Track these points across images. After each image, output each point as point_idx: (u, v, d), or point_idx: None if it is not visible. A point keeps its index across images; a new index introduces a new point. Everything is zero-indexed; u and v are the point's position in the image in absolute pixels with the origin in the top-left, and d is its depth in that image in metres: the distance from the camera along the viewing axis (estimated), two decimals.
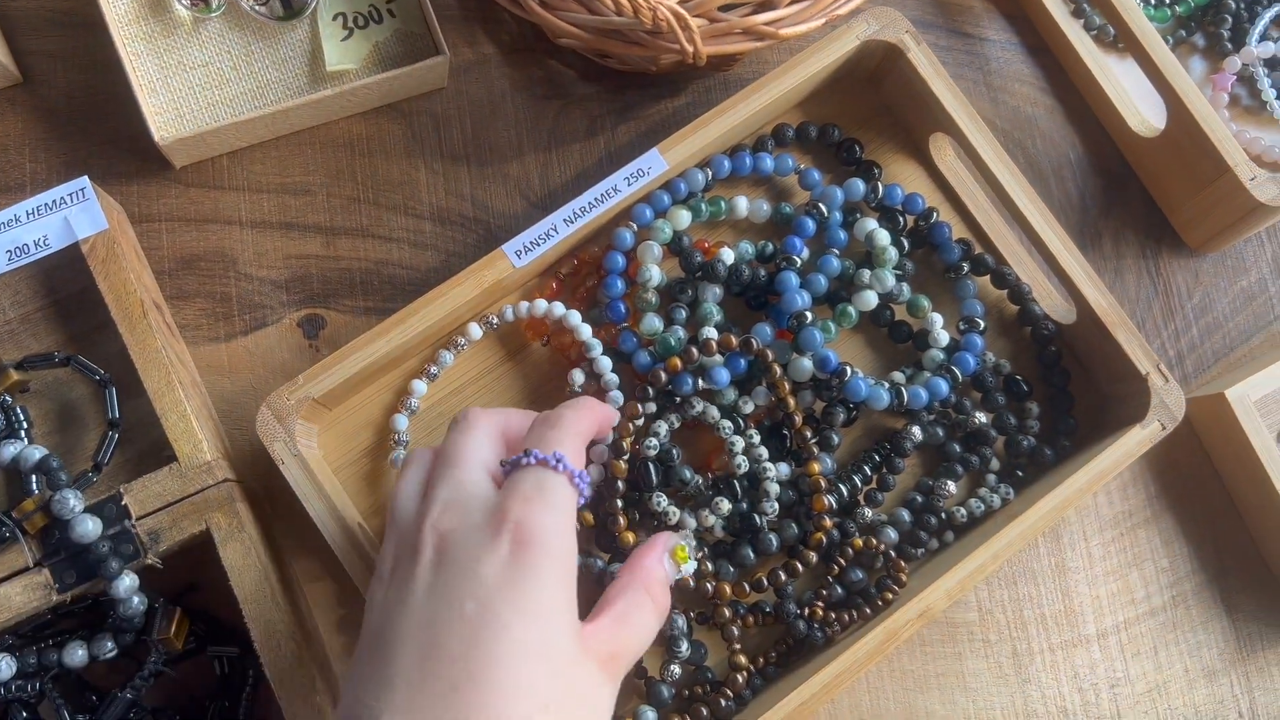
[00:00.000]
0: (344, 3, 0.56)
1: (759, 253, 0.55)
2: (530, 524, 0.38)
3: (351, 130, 0.58)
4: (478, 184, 0.58)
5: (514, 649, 0.36)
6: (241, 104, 0.56)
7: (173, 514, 0.48)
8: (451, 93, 0.59)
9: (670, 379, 0.46)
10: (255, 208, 0.57)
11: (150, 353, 0.49)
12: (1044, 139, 0.62)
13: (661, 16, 0.47)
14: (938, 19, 0.64)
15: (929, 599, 0.50)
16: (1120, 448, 0.52)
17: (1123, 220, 0.62)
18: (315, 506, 0.49)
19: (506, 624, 0.36)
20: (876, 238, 0.54)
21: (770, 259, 0.55)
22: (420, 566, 0.39)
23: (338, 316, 0.56)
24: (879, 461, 0.54)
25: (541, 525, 0.38)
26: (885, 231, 0.55)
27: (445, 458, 0.42)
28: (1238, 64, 0.61)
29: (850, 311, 0.54)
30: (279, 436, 0.49)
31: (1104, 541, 0.58)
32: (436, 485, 0.41)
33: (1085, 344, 0.56)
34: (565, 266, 0.55)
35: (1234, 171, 0.55)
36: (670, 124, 0.60)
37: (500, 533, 0.38)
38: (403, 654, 0.37)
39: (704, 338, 0.47)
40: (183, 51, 0.55)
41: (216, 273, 0.56)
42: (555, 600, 0.38)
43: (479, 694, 0.35)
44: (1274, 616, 0.58)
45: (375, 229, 0.57)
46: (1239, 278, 0.62)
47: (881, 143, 0.59)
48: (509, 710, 0.35)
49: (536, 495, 0.39)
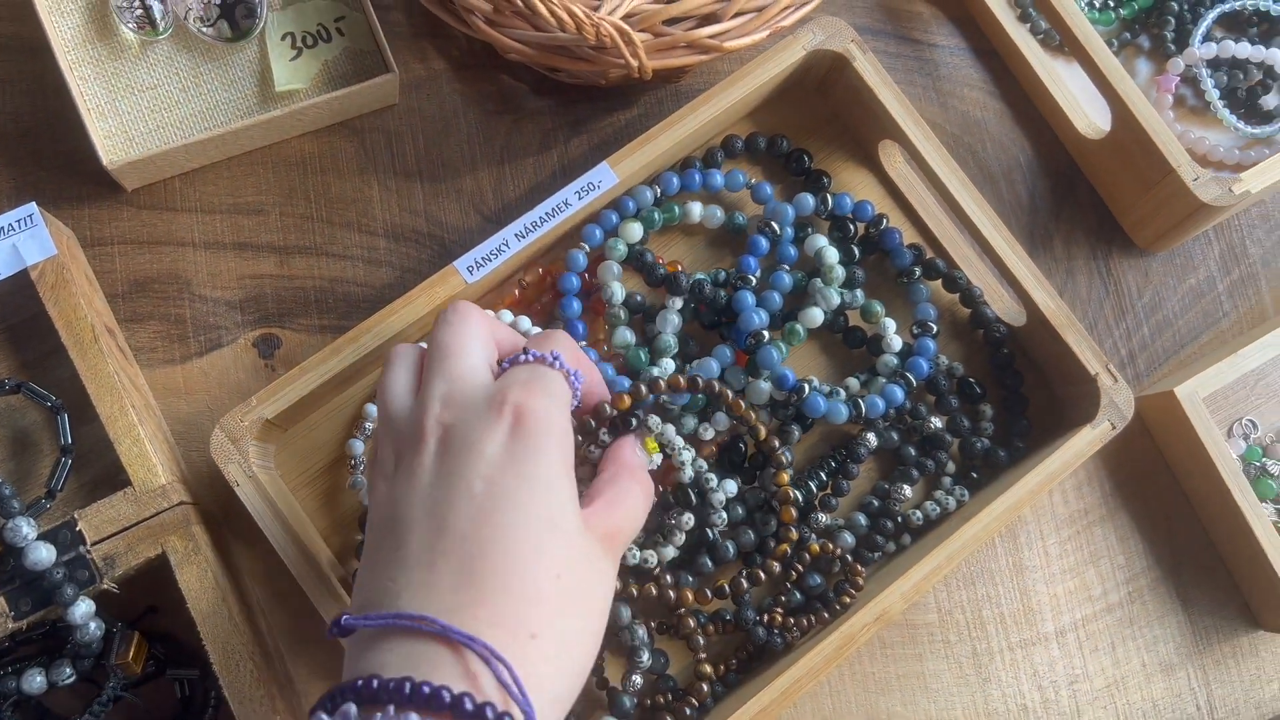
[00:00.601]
0: (292, 22, 0.56)
1: (713, 279, 0.55)
2: (529, 405, 0.39)
3: (303, 149, 0.58)
4: (431, 199, 0.59)
5: (522, 519, 0.37)
6: (191, 126, 0.56)
7: (128, 539, 0.48)
8: (403, 109, 0.59)
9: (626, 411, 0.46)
10: (208, 228, 0.57)
11: (102, 378, 0.49)
12: (993, 142, 0.63)
13: (605, 32, 0.48)
14: (886, 25, 0.64)
15: (885, 602, 0.50)
16: (1071, 448, 0.53)
17: (1073, 221, 0.62)
18: (271, 527, 0.49)
19: (513, 496, 0.37)
20: (824, 255, 0.55)
21: (726, 283, 0.55)
22: (425, 456, 0.39)
23: (293, 335, 0.56)
24: (835, 467, 0.55)
25: (540, 406, 0.39)
26: (833, 250, 0.55)
27: (439, 350, 0.41)
28: (1181, 65, 0.62)
29: (799, 330, 0.54)
30: (233, 458, 0.49)
31: (1060, 540, 0.58)
32: (432, 379, 0.41)
33: (1036, 346, 0.57)
34: (529, 275, 0.55)
35: (1177, 173, 0.56)
36: (623, 136, 0.60)
37: (501, 415, 0.39)
38: (415, 537, 0.37)
39: (654, 377, 0.47)
40: (131, 75, 0.55)
41: (170, 294, 0.56)
42: (558, 474, 0.39)
43: (491, 564, 0.36)
44: (1228, 610, 0.59)
45: (329, 247, 0.57)
46: (1188, 276, 0.63)
47: (832, 150, 0.60)
48: (522, 578, 0.36)
49: (534, 382, 0.40)
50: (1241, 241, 0.63)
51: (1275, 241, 0.63)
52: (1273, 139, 0.63)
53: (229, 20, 0.55)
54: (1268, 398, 0.61)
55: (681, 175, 0.56)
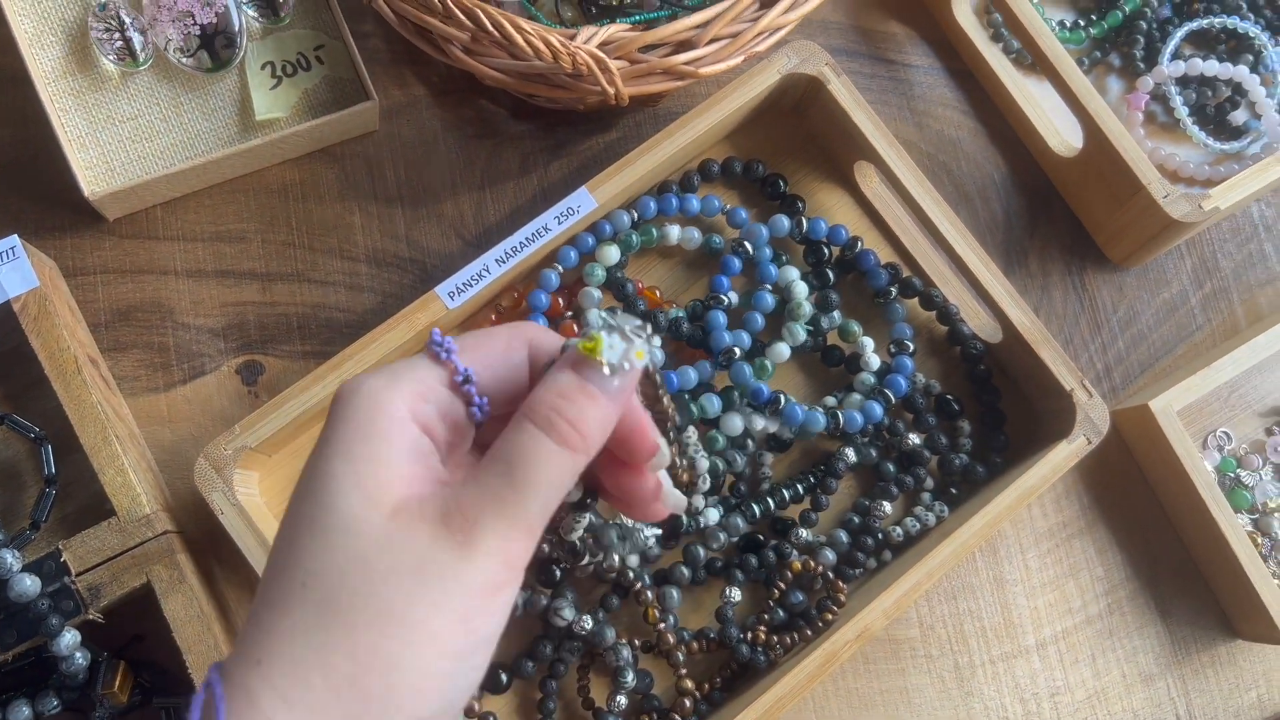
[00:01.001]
0: (272, 51, 0.57)
1: (690, 313, 0.56)
2: (347, 385, 0.32)
3: (284, 176, 0.59)
4: (412, 225, 0.59)
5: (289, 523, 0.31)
6: (172, 155, 0.56)
7: (113, 568, 0.48)
8: (383, 135, 0.60)
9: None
10: (190, 257, 0.57)
11: (85, 408, 0.49)
12: (968, 161, 0.64)
13: (581, 61, 0.48)
14: (861, 47, 0.65)
15: (866, 619, 0.51)
16: (1048, 463, 0.54)
17: (1048, 238, 0.63)
18: (256, 555, 0.49)
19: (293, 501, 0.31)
20: (794, 290, 0.56)
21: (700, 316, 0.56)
22: None
23: (276, 362, 0.57)
24: (814, 483, 0.56)
25: (356, 384, 0.31)
26: (802, 285, 0.56)
27: None
28: (1150, 83, 0.63)
29: (767, 365, 0.55)
30: (217, 487, 0.50)
31: (1040, 553, 0.59)
32: None
33: (1013, 362, 0.58)
34: (505, 299, 0.56)
35: (1147, 190, 0.57)
36: (602, 159, 0.61)
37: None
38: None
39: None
40: (111, 105, 0.55)
41: (153, 323, 0.56)
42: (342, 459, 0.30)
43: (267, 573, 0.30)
44: (1206, 620, 0.59)
45: (311, 273, 0.58)
46: (1161, 290, 0.63)
47: (809, 171, 0.61)
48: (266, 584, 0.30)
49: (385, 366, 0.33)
50: (1213, 255, 0.64)
51: (1246, 255, 0.64)
52: (1242, 154, 0.64)
53: (209, 50, 0.55)
54: (1241, 409, 0.62)
55: (659, 199, 0.57)
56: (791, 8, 0.53)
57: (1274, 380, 0.62)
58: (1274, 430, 0.61)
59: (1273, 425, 0.62)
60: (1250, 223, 0.65)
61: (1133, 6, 0.65)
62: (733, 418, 0.54)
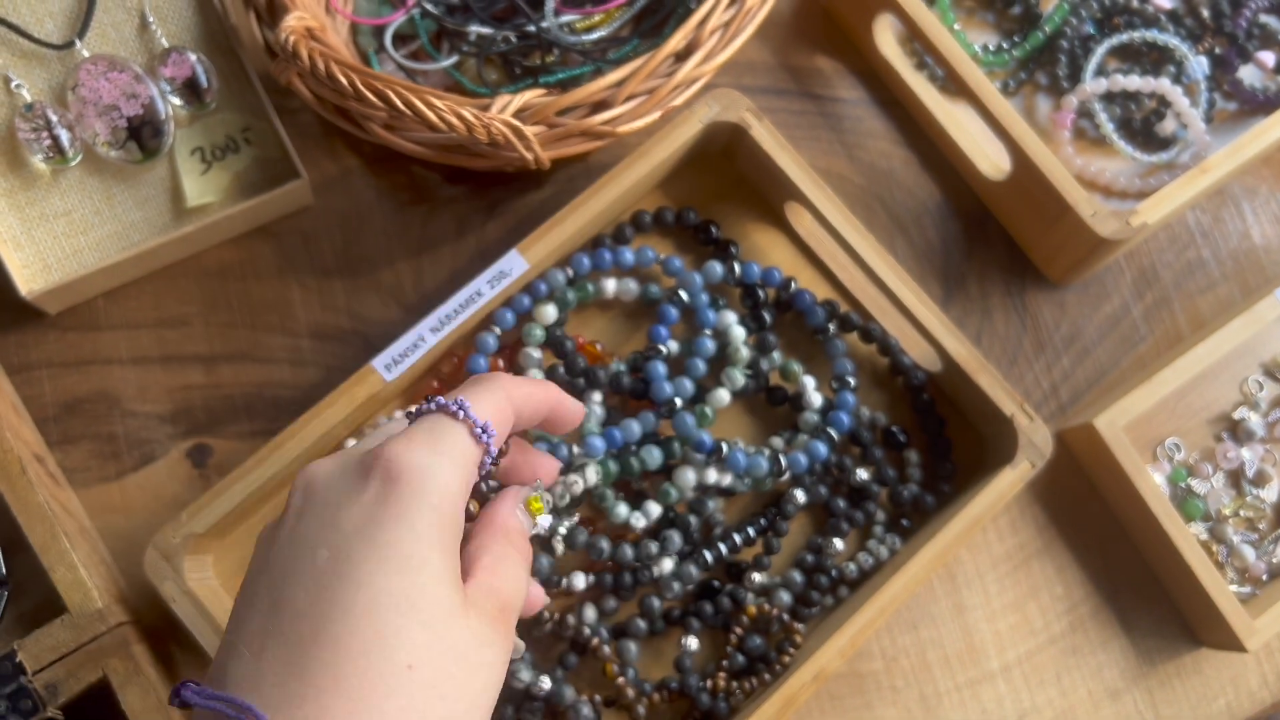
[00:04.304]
0: (200, 137, 0.58)
1: (631, 364, 0.56)
2: (402, 461, 0.33)
3: (222, 257, 0.59)
4: (352, 295, 0.60)
5: (367, 597, 0.31)
6: (108, 247, 0.57)
7: (68, 665, 0.49)
8: (318, 209, 0.61)
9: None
10: (134, 344, 0.58)
11: (32, 508, 0.50)
12: (902, 190, 0.64)
13: (497, 131, 0.49)
14: (789, 85, 0.66)
15: (822, 660, 0.51)
16: (993, 490, 0.54)
17: (985, 261, 0.64)
18: (210, 641, 0.50)
19: (360, 569, 0.32)
20: (731, 335, 0.56)
21: (640, 367, 0.56)
22: (286, 520, 0.34)
23: (225, 444, 0.57)
24: (765, 525, 0.56)
25: (416, 463, 0.33)
26: (740, 329, 0.57)
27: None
28: (1075, 102, 0.64)
29: (708, 412, 0.55)
30: (168, 575, 0.50)
31: (999, 576, 0.59)
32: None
33: (955, 390, 0.58)
34: (445, 365, 0.56)
35: (1075, 209, 0.57)
36: (537, 216, 0.61)
37: (370, 474, 0.33)
38: (251, 613, 0.33)
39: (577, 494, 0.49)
40: (44, 203, 0.56)
41: (101, 413, 0.57)
42: (426, 547, 0.33)
43: (323, 651, 0.31)
44: (1169, 630, 0.60)
45: (254, 352, 0.58)
46: (1102, 304, 0.64)
47: (743, 213, 0.61)
48: (363, 667, 0.31)
49: (420, 434, 0.34)
50: (1153, 265, 0.65)
51: (1185, 263, 0.65)
52: (1173, 164, 0.65)
53: (137, 141, 0.56)
54: (1189, 417, 0.62)
55: (592, 255, 0.57)
56: (706, 59, 0.54)
57: (1220, 387, 0.62)
58: (1222, 437, 0.62)
59: (1221, 432, 0.62)
60: (1187, 230, 0.65)
61: (1054, 26, 0.66)
62: (685, 472, 0.54)
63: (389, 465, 0.33)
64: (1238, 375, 0.63)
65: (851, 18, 0.66)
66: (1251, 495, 0.61)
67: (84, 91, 0.55)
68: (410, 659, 0.31)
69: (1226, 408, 0.62)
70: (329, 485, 0.34)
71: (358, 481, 0.34)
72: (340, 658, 0.30)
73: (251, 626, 0.32)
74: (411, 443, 0.34)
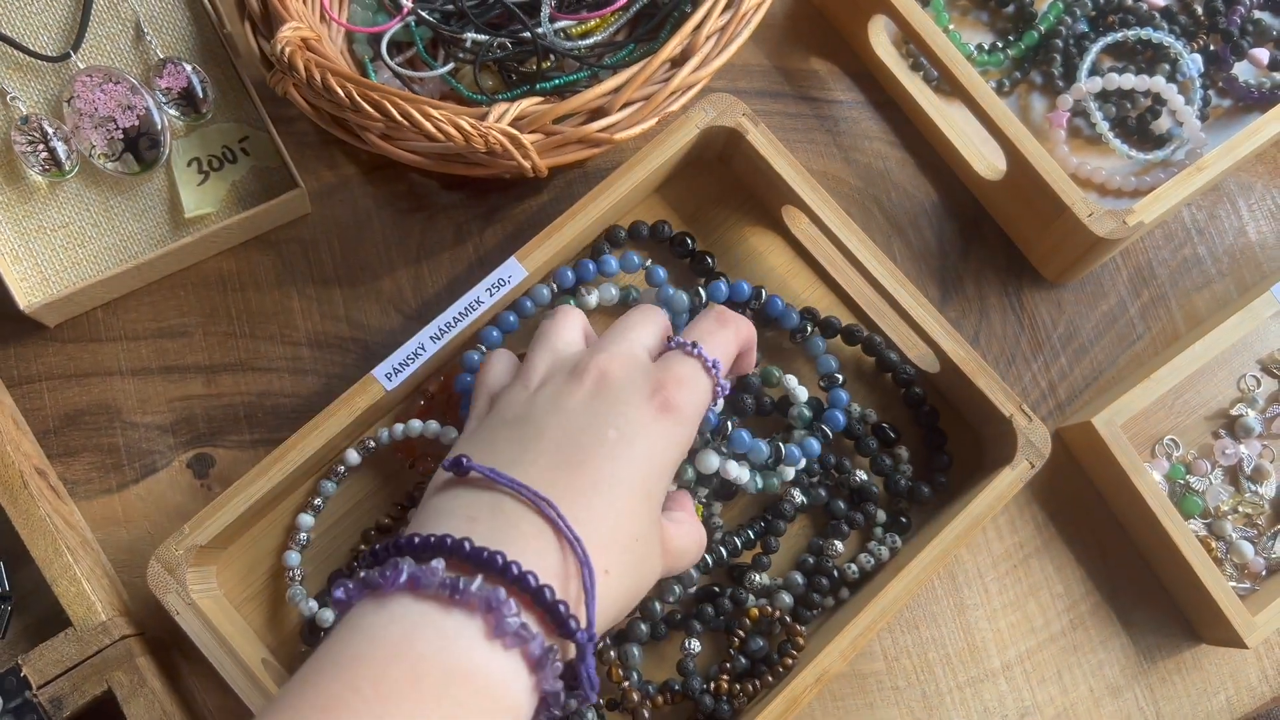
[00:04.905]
0: (197, 147, 0.58)
1: None
2: (678, 400, 0.44)
3: (221, 267, 0.59)
4: (351, 304, 0.60)
5: (628, 479, 0.42)
6: (106, 259, 0.57)
7: (73, 679, 0.49)
8: (317, 217, 0.61)
9: None
10: (134, 355, 0.58)
11: (34, 522, 0.50)
12: (898, 191, 0.65)
13: (494, 140, 0.49)
14: (784, 87, 0.66)
15: (825, 663, 0.51)
16: (993, 490, 0.54)
17: (982, 261, 0.64)
18: (215, 653, 0.50)
19: (631, 460, 0.42)
20: None
21: None
22: (580, 386, 0.44)
23: (226, 453, 0.57)
24: (764, 527, 0.56)
25: (684, 405, 0.44)
26: None
27: (617, 328, 0.48)
28: (1070, 101, 0.64)
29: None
30: (171, 588, 0.50)
31: (999, 575, 0.60)
32: (608, 339, 0.47)
33: (953, 391, 0.58)
34: (432, 384, 0.56)
35: (1072, 210, 0.57)
36: (536, 222, 0.61)
37: (654, 396, 0.44)
38: (547, 440, 0.42)
39: None
40: (41, 215, 0.56)
41: (101, 425, 0.57)
42: (667, 467, 0.44)
43: (593, 497, 0.41)
44: (1169, 627, 0.60)
45: (254, 361, 0.58)
46: (1099, 302, 0.64)
47: (741, 216, 0.61)
48: (614, 522, 0.41)
49: (689, 381, 0.45)
50: (1149, 263, 0.65)
51: (1181, 260, 0.65)
52: (1168, 161, 0.65)
53: (134, 153, 0.56)
54: (1186, 414, 0.62)
55: (575, 269, 0.57)
56: (702, 64, 0.54)
57: (1217, 384, 0.63)
58: (1220, 433, 0.62)
59: (1219, 428, 0.62)
60: (1183, 227, 0.66)
61: (1048, 25, 0.66)
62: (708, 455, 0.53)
63: (667, 400, 0.44)
64: (1235, 372, 0.63)
65: (845, 19, 0.66)
66: (1250, 491, 0.61)
67: (80, 103, 0.55)
68: (638, 533, 0.42)
69: (1224, 404, 0.63)
70: (622, 385, 0.44)
71: (645, 395, 0.44)
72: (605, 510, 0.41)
73: (542, 450, 0.42)
74: (681, 386, 0.45)
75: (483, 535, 0.38)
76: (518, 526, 0.39)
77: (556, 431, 0.42)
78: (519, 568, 0.37)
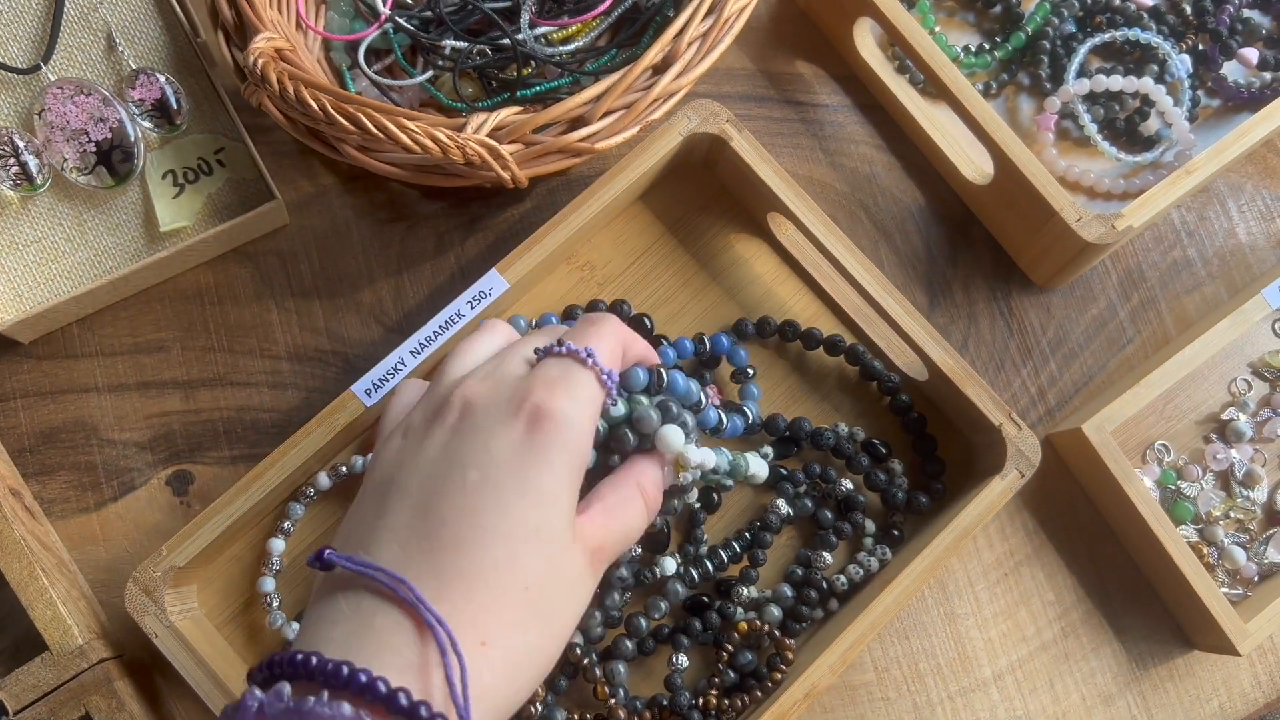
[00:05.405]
0: (171, 160, 0.57)
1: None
2: (547, 407, 0.39)
3: (199, 280, 0.58)
4: (331, 316, 0.59)
5: (505, 523, 0.37)
6: (80, 274, 0.56)
7: (50, 704, 0.48)
8: (295, 229, 0.60)
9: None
10: (110, 371, 0.57)
11: (8, 545, 0.49)
12: (885, 195, 0.64)
13: (473, 151, 0.48)
14: (769, 91, 0.65)
15: (813, 678, 0.51)
16: (983, 501, 0.54)
17: (970, 266, 0.63)
18: (195, 675, 0.49)
19: (504, 497, 0.37)
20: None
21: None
22: (440, 427, 0.40)
23: (205, 469, 0.56)
24: (750, 539, 0.56)
25: (559, 410, 0.39)
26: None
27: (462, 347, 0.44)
28: (1058, 103, 0.63)
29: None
30: (149, 611, 0.49)
31: (989, 584, 0.59)
32: (488, 363, 0.43)
33: (942, 399, 0.58)
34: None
35: (1060, 215, 0.57)
36: (518, 231, 0.61)
37: (519, 412, 0.39)
38: (401, 507, 0.38)
39: None
40: (13, 231, 0.55)
41: (78, 442, 0.56)
42: (558, 485, 0.38)
43: (462, 560, 0.36)
44: (1161, 633, 0.60)
45: (233, 376, 0.58)
46: (1089, 307, 0.63)
47: (727, 222, 0.60)
48: (488, 583, 0.36)
49: (560, 382, 0.40)
50: (1138, 266, 0.64)
51: (1170, 263, 0.64)
52: (1157, 163, 0.64)
53: (107, 166, 0.55)
54: (1177, 419, 0.62)
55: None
56: (684, 71, 0.53)
57: (1207, 388, 0.62)
58: (1211, 438, 0.61)
59: (1210, 433, 0.62)
60: (1172, 230, 0.65)
61: (1035, 26, 0.65)
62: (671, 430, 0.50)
63: (537, 409, 0.39)
64: (1225, 376, 0.62)
65: (831, 22, 0.65)
66: (1241, 496, 0.60)
67: (51, 116, 0.54)
68: (528, 582, 0.37)
69: (1215, 408, 0.62)
70: (485, 411, 0.39)
71: (508, 415, 0.39)
72: (475, 569, 0.36)
73: (399, 519, 0.37)
74: (553, 390, 0.39)
75: (339, 641, 0.35)
76: (371, 623, 0.35)
77: (415, 490, 0.38)
78: (367, 675, 0.32)
